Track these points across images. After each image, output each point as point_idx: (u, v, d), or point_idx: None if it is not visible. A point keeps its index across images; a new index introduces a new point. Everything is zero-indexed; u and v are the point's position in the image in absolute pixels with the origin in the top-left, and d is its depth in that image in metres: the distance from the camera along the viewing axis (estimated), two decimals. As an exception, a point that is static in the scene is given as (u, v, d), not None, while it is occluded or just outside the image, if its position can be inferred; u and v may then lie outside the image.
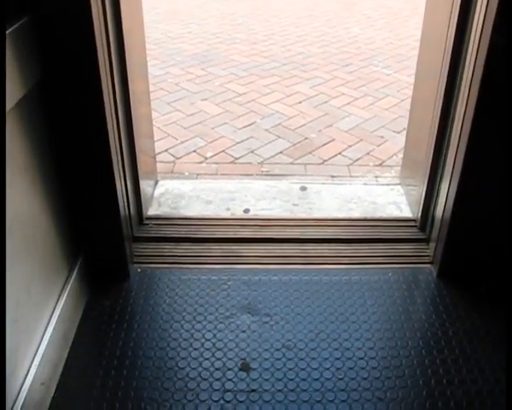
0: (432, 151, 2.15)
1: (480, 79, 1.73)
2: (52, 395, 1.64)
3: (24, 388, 1.48)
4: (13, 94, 1.41)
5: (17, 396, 1.45)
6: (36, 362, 1.56)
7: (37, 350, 1.59)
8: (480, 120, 1.80)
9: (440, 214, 2.12)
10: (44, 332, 1.65)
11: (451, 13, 1.90)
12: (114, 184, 1.90)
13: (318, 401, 1.65)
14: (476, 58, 1.75)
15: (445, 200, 2.07)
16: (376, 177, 2.96)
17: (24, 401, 1.46)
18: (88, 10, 1.54)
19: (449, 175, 2.01)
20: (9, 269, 1.41)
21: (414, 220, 2.43)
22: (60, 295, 1.79)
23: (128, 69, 1.96)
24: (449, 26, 1.93)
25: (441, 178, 2.12)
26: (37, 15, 1.53)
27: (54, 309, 1.73)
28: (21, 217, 1.51)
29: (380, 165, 3.12)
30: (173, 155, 3.20)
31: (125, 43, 1.90)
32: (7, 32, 1.38)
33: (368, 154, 3.26)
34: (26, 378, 1.50)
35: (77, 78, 1.66)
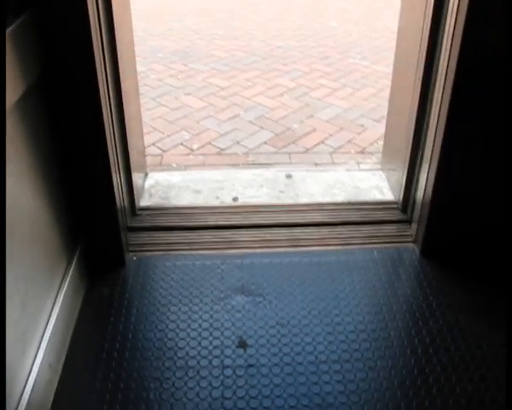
0: (411, 137, 2.25)
1: (454, 67, 1.83)
2: (59, 375, 1.72)
3: (34, 369, 1.56)
4: (13, 92, 1.47)
5: (28, 377, 1.52)
6: (43, 345, 1.63)
7: (43, 335, 1.66)
8: (456, 106, 1.90)
9: (421, 196, 2.22)
10: (49, 318, 1.72)
11: (427, 2, 2.00)
12: (111, 178, 1.97)
13: (313, 373, 1.75)
14: (451, 46, 1.85)
15: (425, 183, 2.17)
16: (358, 163, 3.07)
17: (34, 382, 1.53)
18: (84, 6, 1.61)
19: (428, 159, 2.12)
20: (16, 260, 1.49)
21: (396, 203, 2.53)
22: (61, 284, 1.86)
23: (120, 66, 2.04)
24: (425, 16, 2.03)
25: (421, 162, 2.23)
26: (36, 13, 1.60)
27: (56, 297, 1.80)
28: (25, 212, 1.58)
29: (361, 152, 3.23)
30: (161, 149, 3.28)
31: (116, 40, 1.97)
32: (6, 30, 1.44)
33: (349, 142, 3.37)
34: (34, 360, 1.58)
35: (74, 75, 1.73)
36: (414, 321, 1.95)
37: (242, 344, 1.85)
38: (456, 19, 1.81)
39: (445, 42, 1.92)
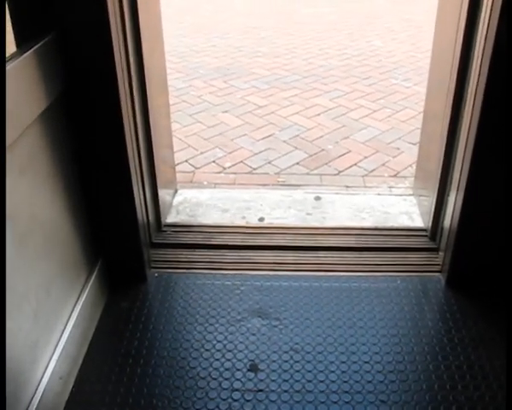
0: (441, 163, 2.20)
1: (482, 94, 1.78)
2: (70, 388, 1.74)
3: (43, 381, 1.57)
4: (37, 105, 1.52)
5: (36, 388, 1.54)
6: (55, 357, 1.65)
7: (56, 346, 1.68)
8: (483, 134, 1.85)
9: (448, 224, 2.17)
10: (64, 330, 1.74)
11: (458, 27, 1.96)
12: (132, 192, 1.99)
13: (322, 403, 1.71)
14: (479, 73, 1.81)
15: (452, 210, 2.12)
16: (390, 187, 3.02)
17: (43, 394, 1.55)
18: (107, 27, 1.64)
19: (456, 186, 2.06)
20: (30, 267, 1.52)
21: (425, 230, 2.48)
22: (80, 295, 1.88)
23: (147, 85, 2.06)
24: (456, 41, 1.99)
25: (450, 188, 2.18)
26: (61, 31, 1.64)
27: (73, 308, 1.83)
28: (43, 220, 1.61)
29: (394, 176, 3.17)
30: (193, 166, 3.30)
31: (144, 59, 2.00)
32: (33, 48, 1.49)
33: (383, 165, 3.32)
34: (45, 372, 1.60)
35: (96, 89, 1.76)
36: (433, 355, 1.89)
37: (254, 368, 1.83)
38: (484, 45, 1.77)
39: (474, 67, 1.88)
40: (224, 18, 7.62)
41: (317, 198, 2.82)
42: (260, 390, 1.75)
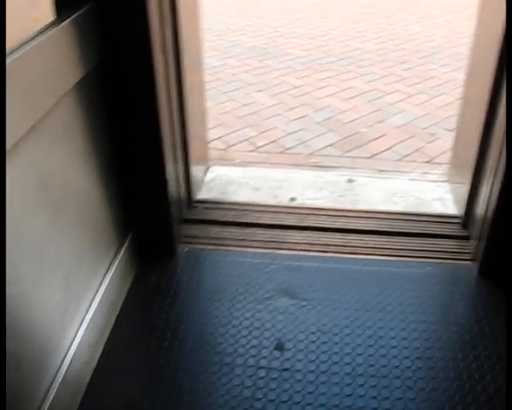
0: (477, 150, 2.15)
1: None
2: (97, 358, 1.76)
3: (71, 349, 1.59)
4: (73, 75, 1.53)
5: (65, 356, 1.56)
6: (84, 326, 1.67)
7: (85, 316, 1.70)
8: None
9: (483, 212, 2.12)
10: (93, 300, 1.76)
11: (501, 13, 1.90)
12: (165, 167, 1.99)
13: (348, 385, 1.70)
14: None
15: (488, 198, 2.07)
16: (424, 173, 2.97)
17: (71, 362, 1.57)
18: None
19: (492, 174, 2.01)
20: (63, 237, 1.53)
21: (458, 217, 2.43)
22: (109, 267, 1.90)
23: (183, 60, 2.06)
24: (498, 27, 1.93)
25: (485, 176, 2.13)
26: (99, 2, 1.64)
27: (103, 279, 1.85)
28: (76, 189, 1.62)
29: (429, 162, 3.12)
30: (226, 143, 3.30)
31: (180, 33, 1.99)
32: (71, 17, 1.49)
33: (417, 150, 3.26)
34: (73, 340, 1.61)
35: (132, 64, 1.76)
36: (462, 344, 1.86)
37: (280, 347, 1.82)
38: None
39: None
40: (262, -2, 7.57)
41: (350, 181, 2.79)
42: (286, 369, 1.74)
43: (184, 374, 1.73)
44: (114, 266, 1.91)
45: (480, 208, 2.17)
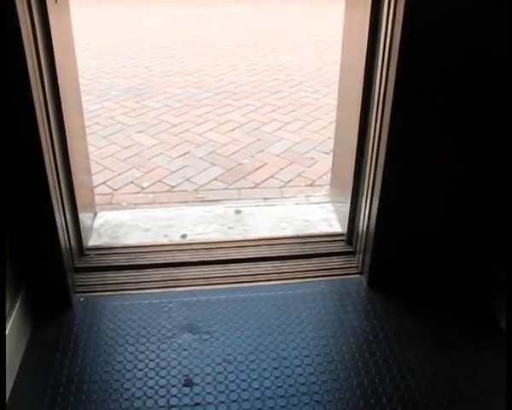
0: (353, 169, 2.31)
1: (391, 101, 1.89)
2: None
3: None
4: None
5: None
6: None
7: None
8: (390, 141, 1.96)
9: (365, 227, 2.27)
10: (-12, 364, 1.68)
11: (362, 42, 2.08)
12: (54, 217, 1.96)
13: (259, 409, 1.74)
14: (387, 80, 1.92)
15: (368, 214, 2.22)
16: (307, 196, 3.12)
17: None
18: (21, 51, 1.63)
19: (370, 191, 2.17)
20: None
21: (343, 235, 2.58)
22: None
23: (63, 106, 2.04)
24: (361, 55, 2.10)
25: (362, 194, 2.28)
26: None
27: (-3, 342, 1.77)
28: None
29: (311, 185, 3.28)
30: (111, 187, 3.27)
31: (59, 82, 1.98)
32: None
33: (299, 175, 3.42)
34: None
35: (13, 114, 1.73)
36: (360, 353, 1.97)
37: (189, 383, 1.84)
38: (390, 53, 1.88)
39: (377, 81, 1.99)
40: (133, 38, 7.58)
41: (238, 212, 2.87)
42: (197, 404, 1.76)
43: (94, 426, 1.69)
44: (9, 325, 1.84)
45: (362, 224, 2.32)
